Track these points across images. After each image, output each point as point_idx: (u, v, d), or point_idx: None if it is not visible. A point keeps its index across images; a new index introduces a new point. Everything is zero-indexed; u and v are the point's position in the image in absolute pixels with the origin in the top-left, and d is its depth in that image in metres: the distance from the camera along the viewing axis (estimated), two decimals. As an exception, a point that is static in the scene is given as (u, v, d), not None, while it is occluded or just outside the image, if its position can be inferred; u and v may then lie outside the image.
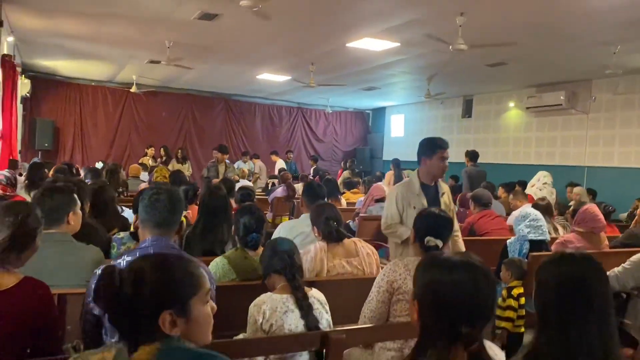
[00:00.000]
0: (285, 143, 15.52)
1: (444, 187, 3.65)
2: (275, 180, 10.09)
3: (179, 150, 11.99)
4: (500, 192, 7.56)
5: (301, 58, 9.11)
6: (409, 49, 7.96)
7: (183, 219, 2.32)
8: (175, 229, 2.11)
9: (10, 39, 7.71)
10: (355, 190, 8.68)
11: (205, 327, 1.26)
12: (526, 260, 3.66)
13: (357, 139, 16.84)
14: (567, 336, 1.45)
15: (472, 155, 8.39)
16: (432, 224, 2.41)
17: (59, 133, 12.92)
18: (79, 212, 2.61)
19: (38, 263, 2.12)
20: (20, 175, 6.33)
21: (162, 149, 11.39)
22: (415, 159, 3.64)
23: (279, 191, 7.54)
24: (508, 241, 4.00)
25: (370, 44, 7.78)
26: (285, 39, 7.93)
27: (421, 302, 1.30)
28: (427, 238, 2.34)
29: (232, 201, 4.57)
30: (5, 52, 7.01)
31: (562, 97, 10.03)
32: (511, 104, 11.73)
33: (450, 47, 6.28)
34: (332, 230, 2.97)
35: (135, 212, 2.52)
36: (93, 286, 1.96)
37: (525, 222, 3.93)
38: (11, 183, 5.56)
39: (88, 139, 13.38)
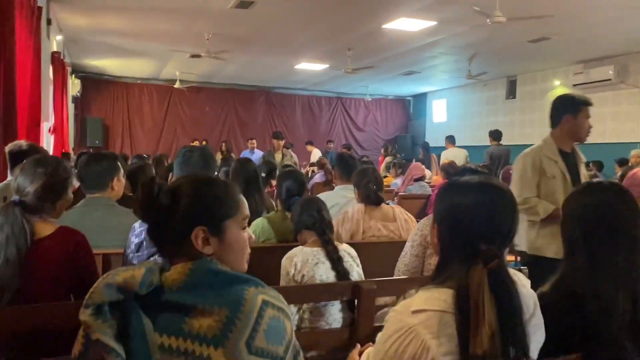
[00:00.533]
0: (325, 133, 15.58)
1: (582, 155, 3.17)
2: (315, 168, 10.16)
3: (223, 144, 12.26)
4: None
5: (338, 43, 9.11)
6: (447, 27, 7.83)
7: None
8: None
9: (59, 37, 8.07)
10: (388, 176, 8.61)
11: (240, 253, 1.23)
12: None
13: (398, 126, 16.70)
14: (593, 265, 1.42)
15: (495, 135, 8.40)
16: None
17: (108, 130, 13.44)
18: (122, 179, 2.72)
19: (83, 225, 2.22)
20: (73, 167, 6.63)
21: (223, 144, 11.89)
22: (463, 142, 3.50)
23: (318, 177, 7.59)
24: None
25: (407, 24, 7.71)
26: (321, 24, 7.96)
27: (440, 225, 1.31)
28: None
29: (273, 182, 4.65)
30: (54, 49, 7.34)
31: (610, 72, 9.63)
32: (557, 82, 11.35)
33: (488, 20, 6.15)
34: (371, 192, 3.00)
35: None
36: (132, 239, 2.05)
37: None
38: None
39: (136, 135, 13.86)
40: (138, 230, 2.03)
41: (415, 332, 1.17)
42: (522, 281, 1.30)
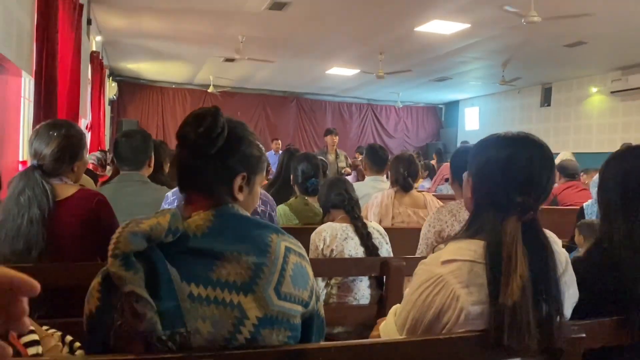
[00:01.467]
0: (355, 139, 15.57)
1: None
2: (347, 169, 10.19)
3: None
4: (584, 178, 7.19)
5: (370, 47, 9.13)
6: (481, 29, 7.76)
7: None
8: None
9: (99, 38, 8.32)
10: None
11: (254, 205, 1.25)
12: (604, 222, 3.44)
13: (429, 134, 16.58)
14: (632, 229, 1.38)
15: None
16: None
17: (143, 133, 13.73)
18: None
19: (116, 201, 2.28)
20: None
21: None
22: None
23: (351, 178, 7.62)
24: (584, 204, 3.78)
25: (440, 26, 7.68)
26: (354, 26, 7.99)
27: (476, 178, 1.29)
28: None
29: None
30: (93, 49, 7.58)
31: (651, 78, 9.40)
32: (594, 89, 11.10)
33: (523, 20, 6.07)
34: (400, 178, 2.98)
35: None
36: (164, 206, 2.09)
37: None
38: (101, 164, 6.01)
39: (170, 138, 14.08)
40: (171, 198, 2.06)
41: (444, 281, 1.16)
42: (553, 238, 1.28)
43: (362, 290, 2.16)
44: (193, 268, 1.02)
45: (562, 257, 1.25)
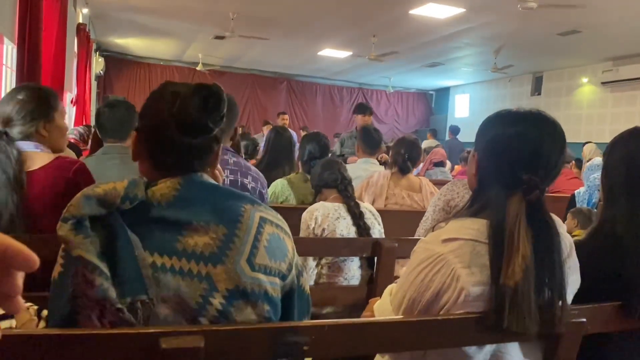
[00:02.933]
0: (346, 123, 15.48)
1: None
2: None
3: (240, 128, 12.25)
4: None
5: (363, 29, 9.01)
6: (475, 15, 7.68)
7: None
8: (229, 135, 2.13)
9: (86, 10, 8.11)
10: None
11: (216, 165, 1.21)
12: (595, 210, 3.45)
13: (419, 120, 16.55)
14: (634, 213, 1.34)
15: (454, 129, 10.09)
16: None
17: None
18: None
19: (99, 173, 2.20)
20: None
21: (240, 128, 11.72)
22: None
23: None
24: (576, 191, 3.79)
25: (435, 10, 7.58)
26: (347, 7, 7.86)
27: (482, 154, 1.24)
28: None
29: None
30: (80, 21, 7.37)
31: (641, 70, 9.41)
32: (584, 79, 11.12)
33: (519, 5, 6.01)
34: (399, 160, 2.94)
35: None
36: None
37: (599, 172, 3.70)
38: (84, 139, 5.87)
39: (156, 116, 13.94)
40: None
41: (444, 260, 1.11)
42: (559, 221, 1.23)
43: (353, 271, 2.12)
44: (157, 238, 0.96)
45: (567, 241, 1.20)
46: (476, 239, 1.12)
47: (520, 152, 1.16)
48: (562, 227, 1.22)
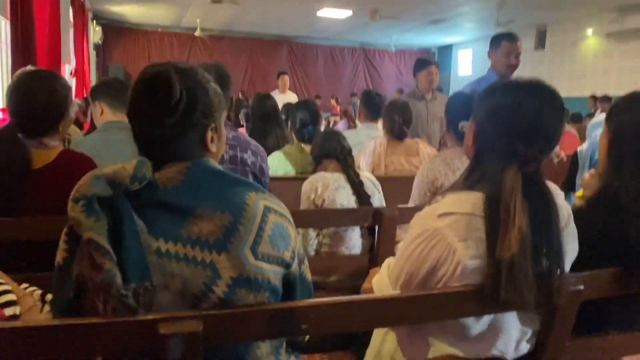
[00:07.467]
0: (348, 85, 15.33)
1: None
2: (337, 118, 10.11)
3: (240, 93, 12.18)
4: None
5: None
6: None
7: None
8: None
9: (78, -22, 7.92)
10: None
11: (224, 146, 1.16)
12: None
13: (422, 79, 16.32)
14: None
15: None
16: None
17: (130, 78, 13.41)
18: None
19: (100, 152, 2.18)
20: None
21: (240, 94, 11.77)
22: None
23: (341, 126, 7.51)
24: (579, 149, 3.74)
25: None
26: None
27: (479, 124, 1.22)
28: (461, 123, 2.14)
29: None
30: (74, -10, 7.24)
31: (648, 20, 9.18)
32: (589, 31, 10.86)
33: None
34: (395, 126, 2.91)
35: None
36: None
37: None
38: (84, 111, 5.86)
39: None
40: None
41: (441, 235, 1.11)
42: (556, 191, 1.23)
43: (354, 240, 2.13)
44: (162, 223, 0.96)
45: (564, 210, 1.20)
46: (472, 213, 1.11)
47: (517, 123, 1.14)
48: (559, 197, 1.21)
